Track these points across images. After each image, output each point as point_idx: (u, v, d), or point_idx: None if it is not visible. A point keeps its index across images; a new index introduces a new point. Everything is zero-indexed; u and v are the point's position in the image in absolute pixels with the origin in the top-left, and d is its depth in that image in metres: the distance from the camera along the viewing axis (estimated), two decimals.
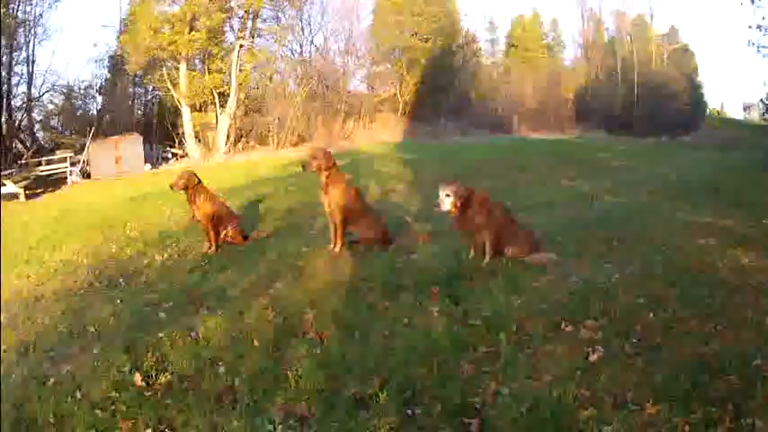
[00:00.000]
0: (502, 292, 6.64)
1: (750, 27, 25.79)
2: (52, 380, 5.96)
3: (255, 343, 5.95)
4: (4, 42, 33.03)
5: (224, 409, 4.85)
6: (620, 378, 4.58)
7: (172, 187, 10.48)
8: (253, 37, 38.23)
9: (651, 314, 5.63)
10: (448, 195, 7.72)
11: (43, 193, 25.97)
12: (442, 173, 18.25)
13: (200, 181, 10.55)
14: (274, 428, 4.47)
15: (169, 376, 5.47)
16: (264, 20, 40.24)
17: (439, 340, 5.57)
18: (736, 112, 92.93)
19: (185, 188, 10.38)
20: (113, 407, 5.09)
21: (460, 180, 8.98)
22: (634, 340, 5.17)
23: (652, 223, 9.83)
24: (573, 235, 9.20)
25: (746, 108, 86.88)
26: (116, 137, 31.08)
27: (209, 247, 10.43)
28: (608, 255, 8.00)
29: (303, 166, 9.38)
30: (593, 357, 4.94)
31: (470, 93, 53.09)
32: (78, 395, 5.43)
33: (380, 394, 4.68)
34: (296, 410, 4.66)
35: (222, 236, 10.60)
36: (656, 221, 9.96)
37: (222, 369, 5.50)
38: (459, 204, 7.71)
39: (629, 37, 64.17)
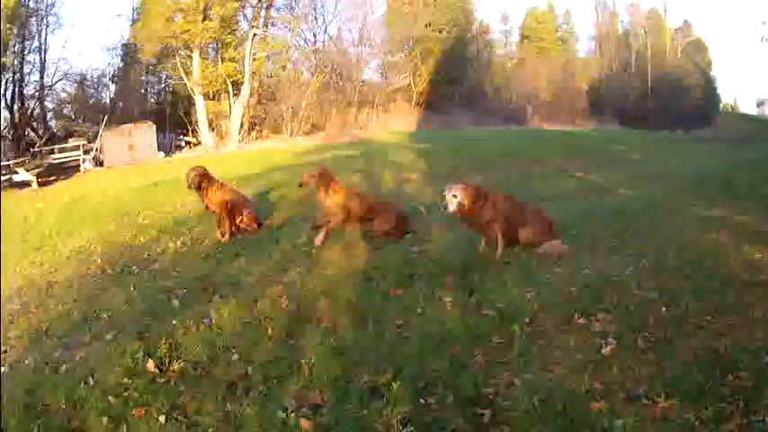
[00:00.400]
0: (515, 284, 6.64)
1: (764, 23, 25.75)
2: (65, 366, 6.02)
3: (269, 331, 5.98)
4: (15, 31, 33.05)
5: (237, 396, 4.87)
6: (632, 372, 4.57)
7: (189, 187, 10.55)
8: (266, 26, 38.24)
9: (664, 308, 5.61)
10: (455, 196, 7.67)
11: (56, 180, 26.07)
12: (455, 163, 18.22)
13: (209, 173, 10.61)
14: (287, 416, 4.47)
15: (182, 363, 5.49)
16: (278, 9, 40.31)
17: (452, 330, 5.57)
18: (749, 108, 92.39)
19: (200, 184, 10.44)
20: (126, 393, 5.10)
21: (469, 173, 9.00)
22: (646, 334, 5.15)
23: (665, 217, 9.79)
24: (587, 227, 9.18)
25: (760, 104, 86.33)
26: (129, 125, 31.14)
27: (223, 236, 10.46)
28: (621, 247, 7.98)
29: (300, 185, 9.73)
30: (605, 350, 4.93)
31: (484, 84, 52.92)
32: (91, 382, 5.45)
33: (394, 383, 4.68)
34: (309, 398, 4.68)
35: (237, 222, 10.61)
36: (669, 215, 9.92)
37: (235, 356, 5.53)
38: (468, 204, 7.67)
39: (643, 30, 63.77)
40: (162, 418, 4.66)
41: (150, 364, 5.50)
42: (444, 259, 7.84)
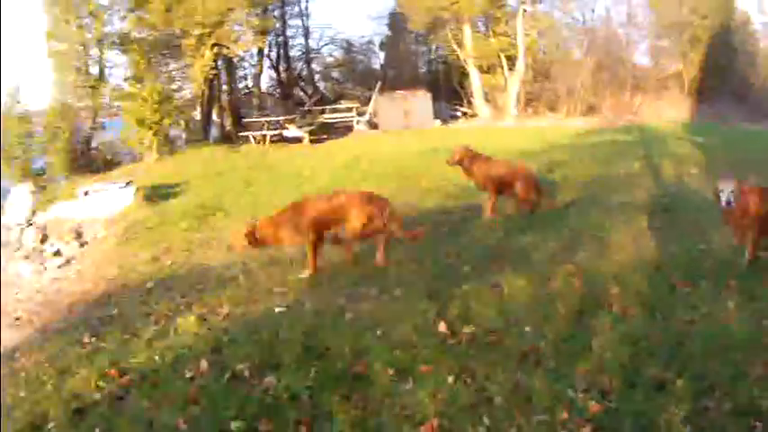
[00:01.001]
0: None
1: None
2: (349, 315, 6.31)
3: (561, 309, 5.93)
4: None
5: (527, 368, 4.88)
6: None
7: (448, 163, 10.81)
8: (534, 2, 37.73)
9: None
10: (731, 191, 7.18)
11: (327, 139, 27.32)
12: (730, 160, 17.16)
13: (475, 152, 10.72)
14: (575, 396, 4.46)
15: (473, 328, 5.56)
16: None
17: (735, 336, 5.30)
18: None
19: (460, 162, 10.59)
20: (414, 350, 5.25)
21: (743, 173, 8.43)
22: None
23: None
24: None
25: None
26: (404, 91, 31.88)
27: (492, 211, 10.46)
28: None
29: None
30: None
31: (753, 77, 49.64)
32: (378, 333, 5.67)
33: (677, 381, 4.55)
34: (598, 382, 4.63)
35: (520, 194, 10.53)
36: None
37: (527, 329, 5.54)
38: (742, 204, 7.17)
39: None
40: (450, 379, 4.75)
41: (441, 325, 5.62)
42: (730, 260, 7.47)
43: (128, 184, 16.67)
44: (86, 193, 16.42)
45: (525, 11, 34.67)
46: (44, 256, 12.88)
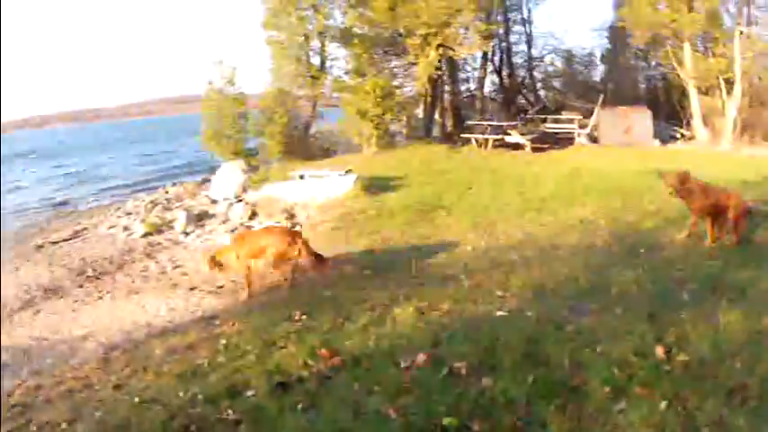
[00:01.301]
0: None
1: None
2: (571, 327, 6.33)
3: None
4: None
5: (733, 404, 4.77)
6: None
7: (663, 181, 10.66)
8: (749, 24, 35.62)
9: None
10: None
11: (549, 148, 27.02)
12: None
13: (688, 178, 10.43)
14: None
15: (688, 357, 5.46)
16: (760, 7, 37.25)
17: None
18: None
19: (675, 187, 10.34)
20: (630, 370, 5.22)
21: None
22: None
23: None
24: None
25: None
26: (625, 107, 31.14)
27: (713, 240, 10.23)
28: None
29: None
30: None
31: None
32: (598, 349, 5.66)
33: None
34: None
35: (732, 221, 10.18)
36: None
37: (738, 365, 5.36)
38: None
39: None
40: (663, 404, 4.71)
41: (659, 349, 5.56)
42: None
43: (347, 172, 17.31)
44: (302, 177, 17.25)
45: (741, 32, 32.97)
46: None
